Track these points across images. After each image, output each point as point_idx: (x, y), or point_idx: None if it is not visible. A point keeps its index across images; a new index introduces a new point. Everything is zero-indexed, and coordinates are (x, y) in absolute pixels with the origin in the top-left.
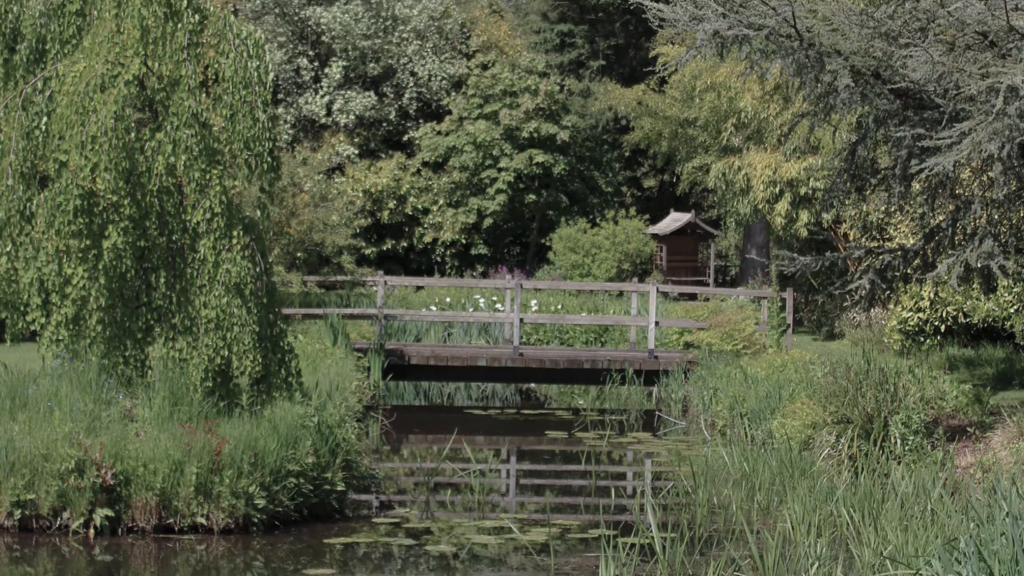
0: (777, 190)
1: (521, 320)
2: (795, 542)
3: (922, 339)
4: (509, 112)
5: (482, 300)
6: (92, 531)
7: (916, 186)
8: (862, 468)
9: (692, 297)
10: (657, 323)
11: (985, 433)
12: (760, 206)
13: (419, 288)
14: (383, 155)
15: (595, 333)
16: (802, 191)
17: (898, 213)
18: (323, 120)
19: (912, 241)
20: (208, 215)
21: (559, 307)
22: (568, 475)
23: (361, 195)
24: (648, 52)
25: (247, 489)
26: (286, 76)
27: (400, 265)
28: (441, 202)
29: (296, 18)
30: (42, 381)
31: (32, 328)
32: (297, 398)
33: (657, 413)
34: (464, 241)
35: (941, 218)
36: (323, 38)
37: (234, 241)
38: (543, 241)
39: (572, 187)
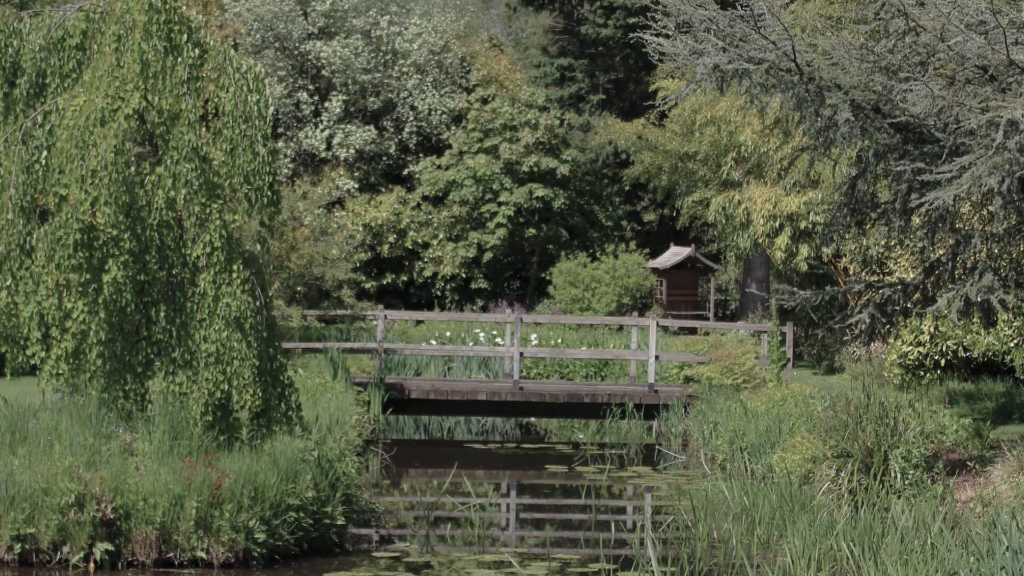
0: (777, 224)
1: (521, 354)
2: None
3: (922, 373)
4: (509, 146)
5: (482, 334)
6: (92, 565)
7: (916, 220)
8: (862, 502)
9: (692, 331)
10: (657, 357)
11: (985, 467)
12: (760, 240)
13: (419, 322)
14: (383, 189)
15: (595, 367)
16: (802, 225)
17: (898, 247)
18: (323, 154)
19: (912, 275)
20: (208, 249)
21: (559, 341)
22: (568, 509)
23: (361, 229)
24: (648, 86)
25: (247, 523)
26: (286, 110)
27: (400, 299)
28: (441, 236)
29: (296, 52)
30: (42, 415)
31: (32, 362)
32: (297, 432)
33: (657, 447)
34: (464, 275)
35: (941, 252)
36: (323, 72)
37: (234, 275)
38: (543, 275)
39: (572, 221)
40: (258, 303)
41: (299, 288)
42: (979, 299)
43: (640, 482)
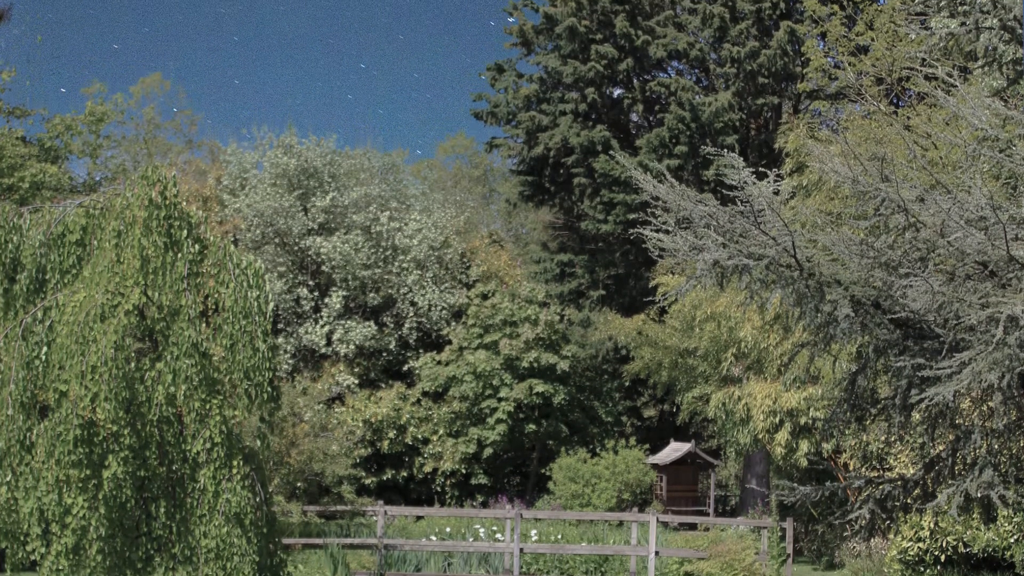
0: (777, 420)
1: (521, 550)
2: None
3: (922, 569)
4: (509, 342)
5: (482, 530)
6: None
7: (916, 416)
8: None
9: (692, 527)
10: (657, 553)
11: None
12: (760, 436)
13: (419, 518)
14: (383, 385)
15: (595, 563)
16: (802, 421)
17: (898, 443)
18: (323, 350)
19: (912, 471)
20: (208, 445)
21: (559, 537)
22: None
23: (361, 425)
24: (648, 281)
25: None
26: (286, 306)
27: (400, 495)
28: (441, 432)
29: (296, 248)
30: None
31: (32, 558)
32: None
33: None
34: (464, 471)
35: (941, 448)
36: (323, 268)
37: (234, 471)
38: (543, 471)
39: (572, 417)
40: (258, 499)
41: (299, 484)
42: (979, 495)
43: None
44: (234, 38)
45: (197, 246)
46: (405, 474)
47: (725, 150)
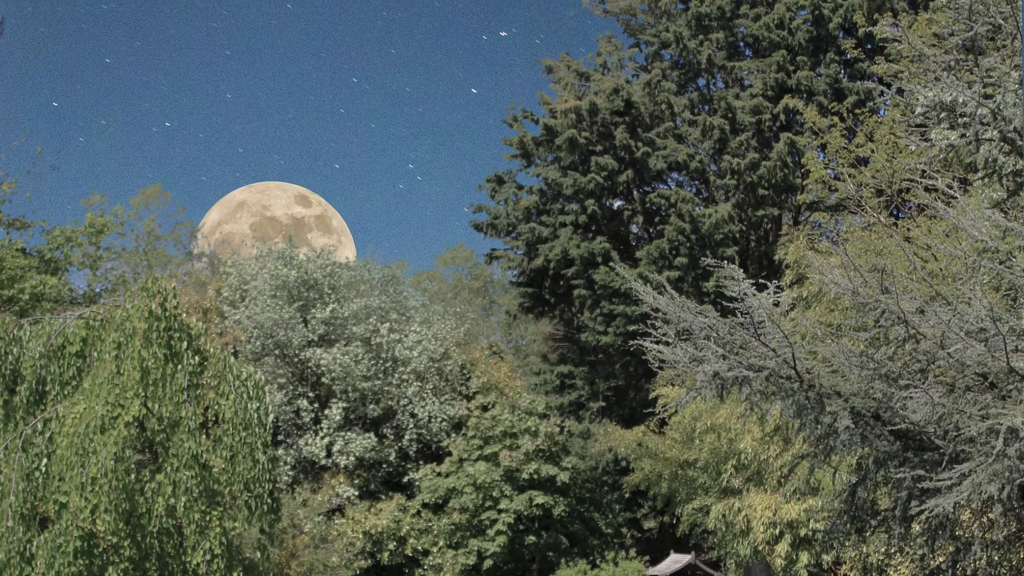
0: (777, 531)
1: None
2: None
3: None
4: (509, 453)
5: None
6: None
7: (916, 527)
8: None
9: None
10: None
11: None
12: (760, 547)
13: None
14: (383, 496)
15: None
16: (802, 532)
17: (898, 554)
18: (323, 461)
19: None
20: (208, 556)
21: None
22: None
23: (361, 536)
24: (648, 393)
25: None
26: (286, 417)
27: None
28: (441, 543)
29: (296, 360)
30: None
31: None
32: None
33: None
34: None
35: (941, 559)
36: (323, 379)
37: None
38: None
39: (572, 528)
40: None
41: None
42: None
43: None
44: (226, 52)
45: (197, 358)
46: None
47: (725, 261)
